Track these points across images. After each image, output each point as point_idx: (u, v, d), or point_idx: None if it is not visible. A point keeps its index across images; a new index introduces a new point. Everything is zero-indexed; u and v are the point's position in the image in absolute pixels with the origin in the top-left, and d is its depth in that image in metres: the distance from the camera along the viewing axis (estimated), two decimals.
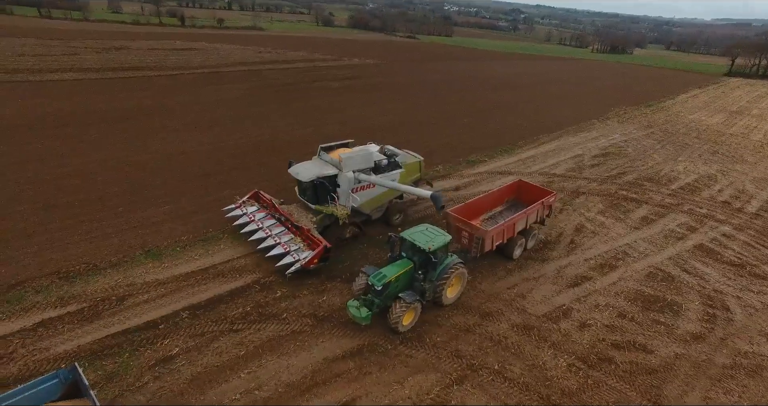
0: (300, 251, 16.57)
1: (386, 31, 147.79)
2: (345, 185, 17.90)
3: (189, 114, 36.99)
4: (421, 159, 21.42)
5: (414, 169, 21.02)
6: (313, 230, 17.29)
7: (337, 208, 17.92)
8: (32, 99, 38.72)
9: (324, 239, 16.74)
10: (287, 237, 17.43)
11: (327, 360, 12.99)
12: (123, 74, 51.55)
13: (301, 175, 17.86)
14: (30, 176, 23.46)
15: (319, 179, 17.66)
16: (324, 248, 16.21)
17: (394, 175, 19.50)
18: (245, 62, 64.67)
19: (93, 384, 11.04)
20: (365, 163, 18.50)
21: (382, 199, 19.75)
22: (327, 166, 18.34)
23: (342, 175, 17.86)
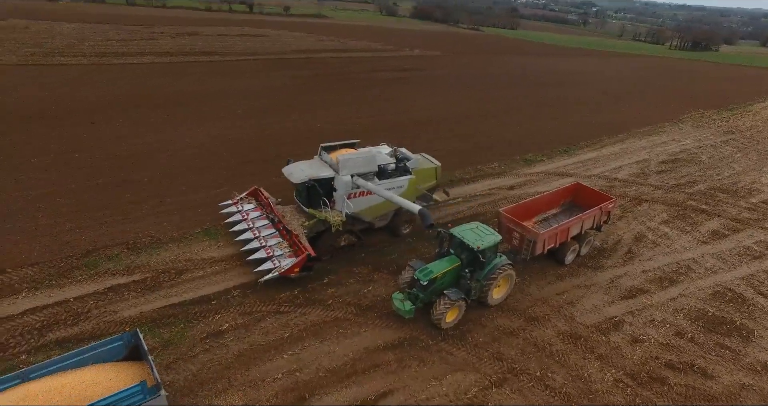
0: (283, 258, 15.46)
1: (449, 22, 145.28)
2: (341, 189, 16.50)
3: (250, 99, 38.32)
4: (438, 165, 19.65)
5: (428, 176, 19.26)
6: (302, 235, 16.02)
7: (331, 213, 16.48)
8: (114, 81, 41.63)
9: (312, 246, 15.65)
10: (275, 241, 16.28)
11: (368, 350, 13.21)
12: (193, 59, 54.14)
13: (293, 177, 16.58)
14: (107, 154, 25.33)
15: (311, 181, 16.39)
16: (306, 257, 15.00)
17: (401, 182, 17.75)
18: (307, 50, 65.91)
19: (151, 349, 11.81)
20: (367, 167, 16.95)
21: (386, 207, 17.92)
22: (324, 167, 17.04)
23: (338, 179, 16.47)
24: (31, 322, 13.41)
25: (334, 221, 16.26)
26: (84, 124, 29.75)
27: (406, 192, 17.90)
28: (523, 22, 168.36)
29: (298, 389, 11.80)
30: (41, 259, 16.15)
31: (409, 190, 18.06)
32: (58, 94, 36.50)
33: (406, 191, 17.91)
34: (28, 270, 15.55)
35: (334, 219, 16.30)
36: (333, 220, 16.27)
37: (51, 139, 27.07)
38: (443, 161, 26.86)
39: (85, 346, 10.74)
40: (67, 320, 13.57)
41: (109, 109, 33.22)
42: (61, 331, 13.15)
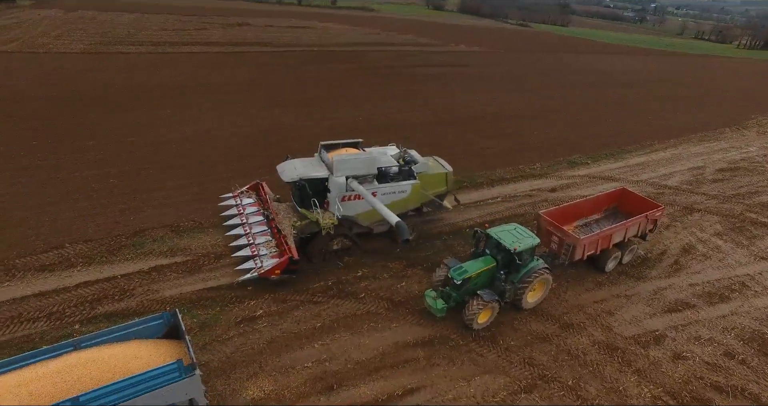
0: (266, 258, 14.91)
1: (497, 17, 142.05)
2: (335, 191, 15.74)
3: (294, 90, 38.93)
4: (448, 170, 18.42)
5: (437, 182, 18.13)
6: (290, 236, 15.36)
7: (322, 215, 15.70)
8: (167, 69, 43.31)
9: (304, 248, 15.23)
10: (263, 239, 15.71)
11: (397, 345, 13.24)
12: (241, 49, 55.49)
13: (284, 175, 15.97)
14: (157, 139, 26.45)
15: (302, 181, 15.78)
16: (288, 259, 14.39)
17: (403, 187, 16.88)
18: (352, 43, 66.18)
19: (188, 330, 12.25)
20: (365, 169, 16.08)
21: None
22: (319, 166, 16.35)
23: (332, 180, 15.75)
24: (84, 295, 14.28)
25: (324, 224, 15.52)
26: (138, 110, 31.15)
27: (409, 198, 17.12)
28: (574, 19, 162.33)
29: (327, 378, 11.99)
30: (95, 236, 17.11)
31: (412, 195, 17.18)
32: (116, 80, 38.36)
33: (409, 197, 17.09)
34: (83, 246, 16.52)
35: (325, 221, 15.55)
36: (324, 222, 15.53)
37: (108, 123, 28.52)
38: (482, 160, 26.79)
39: (129, 321, 11.29)
40: (115, 295, 14.35)
41: (161, 96, 34.63)
42: (109, 305, 13.92)
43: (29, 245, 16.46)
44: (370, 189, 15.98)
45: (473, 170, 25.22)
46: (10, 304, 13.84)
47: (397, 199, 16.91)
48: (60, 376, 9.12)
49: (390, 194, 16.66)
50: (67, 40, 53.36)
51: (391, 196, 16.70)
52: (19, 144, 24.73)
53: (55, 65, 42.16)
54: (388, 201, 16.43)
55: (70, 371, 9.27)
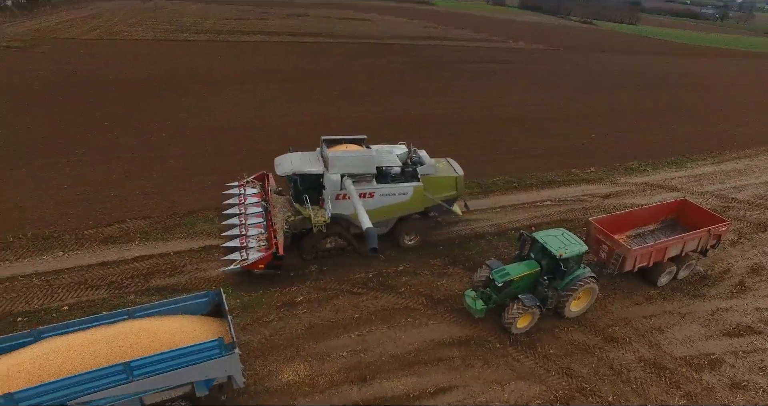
0: (253, 251, 14.59)
1: (560, 14, 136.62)
2: (329, 188, 15.22)
3: (347, 81, 39.33)
4: (459, 174, 17.28)
5: (445, 186, 17.01)
6: (280, 230, 14.96)
7: (314, 212, 15.20)
8: (228, 57, 44.99)
9: (285, 243, 14.73)
10: (256, 231, 15.38)
11: (433, 342, 13.18)
12: (298, 39, 56.64)
13: (278, 168, 15.63)
14: (214, 125, 27.62)
15: (295, 175, 15.42)
16: (272, 254, 14.09)
17: (404, 189, 16.01)
18: (409, 36, 65.89)
19: (231, 310, 12.63)
20: (363, 167, 15.40)
21: (386, 213, 16.26)
22: (317, 162, 15.83)
23: (326, 176, 15.23)
24: (139, 268, 15.20)
25: (316, 221, 15.10)
26: (198, 96, 32.58)
27: (412, 200, 16.27)
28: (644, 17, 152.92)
29: (361, 369, 12.14)
30: (152, 214, 18.13)
31: (414, 198, 16.28)
32: (180, 67, 40.26)
33: (411, 199, 16.23)
34: (142, 222, 17.55)
35: (317, 219, 15.13)
36: (315, 219, 15.10)
37: (171, 107, 30.03)
38: (534, 161, 26.00)
39: (177, 297, 11.87)
40: (166, 270, 15.17)
41: (222, 83, 36.04)
42: (161, 280, 14.73)
43: (96, 218, 17.70)
44: (368, 189, 15.45)
45: (523, 171, 24.56)
46: (78, 271, 15.00)
47: (398, 202, 16.10)
48: (115, 341, 9.74)
49: (389, 196, 15.88)
50: (140, 28, 56.61)
51: (391, 197, 15.92)
52: (92, 125, 26.57)
53: (127, 52, 44.81)
54: (387, 203, 15.87)
55: (124, 337, 9.88)
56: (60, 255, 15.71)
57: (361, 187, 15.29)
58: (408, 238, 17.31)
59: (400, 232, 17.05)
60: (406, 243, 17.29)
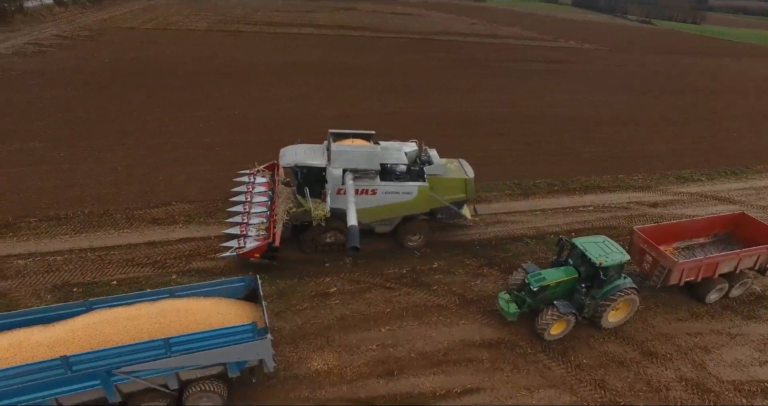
0: (251, 240, 14.63)
1: (616, 12, 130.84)
2: (331, 182, 15.08)
3: (390, 77, 39.34)
4: (469, 177, 16.54)
5: (453, 188, 16.37)
6: (280, 221, 14.94)
7: (314, 205, 15.08)
8: (276, 48, 45.94)
9: (283, 235, 14.70)
10: (257, 220, 15.47)
11: (463, 342, 13.07)
12: (345, 33, 57.08)
13: (282, 159, 15.66)
14: (260, 114, 28.34)
15: (297, 167, 15.37)
16: (267, 244, 14.14)
17: (409, 188, 15.57)
18: (455, 32, 65.17)
19: (266, 296, 12.94)
20: (365, 163, 15.17)
21: (389, 212, 15.93)
22: (321, 155, 15.76)
23: (328, 170, 15.11)
24: (182, 249, 15.83)
25: (315, 214, 15.01)
26: (245, 85, 33.51)
27: (416, 200, 15.77)
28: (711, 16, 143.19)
29: (389, 363, 12.20)
30: (196, 198, 18.82)
31: (419, 198, 15.76)
32: (231, 57, 41.47)
33: (416, 199, 15.74)
34: (186, 206, 18.26)
35: (316, 212, 15.02)
36: (315, 213, 15.01)
37: (219, 96, 31.02)
38: (578, 165, 25.20)
39: (215, 280, 12.29)
40: (207, 253, 15.71)
41: (269, 73, 36.94)
42: (201, 262, 15.28)
43: (145, 199, 18.55)
44: (371, 186, 15.22)
45: (567, 174, 23.87)
46: (126, 248, 15.82)
47: (401, 201, 15.66)
48: (156, 318, 10.21)
49: (393, 194, 15.52)
50: (194, 19, 58.73)
51: (394, 196, 15.55)
52: (147, 110, 27.84)
53: (182, 41, 46.56)
54: (390, 201, 15.57)
55: (165, 315, 10.34)
56: (111, 233, 16.59)
57: (364, 184, 15.14)
58: (411, 238, 16.87)
59: (403, 232, 16.67)
60: (409, 244, 16.87)
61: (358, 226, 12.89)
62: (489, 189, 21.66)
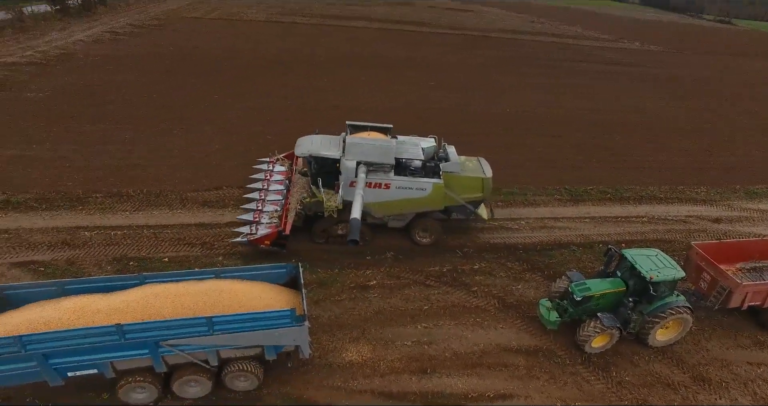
0: (263, 227, 14.83)
1: (690, 11, 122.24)
2: (344, 174, 15.03)
3: (443, 73, 38.92)
4: (486, 176, 16.16)
5: (469, 186, 16.02)
6: (292, 210, 15.16)
7: (327, 196, 15.16)
8: (331, 40, 46.56)
9: (295, 224, 14.88)
10: (271, 208, 15.71)
11: (499, 347, 12.83)
12: (400, 27, 56.95)
13: (297, 148, 15.76)
14: (309, 106, 28.89)
15: (310, 157, 15.41)
16: (277, 232, 14.35)
17: (423, 184, 15.29)
18: (513, 30, 63.54)
19: (306, 284, 13.16)
20: (379, 157, 15.06)
21: (402, 207, 15.75)
22: (336, 146, 15.67)
23: (342, 162, 15.03)
24: (229, 233, 16.30)
25: (327, 206, 15.09)
26: (301, 77, 34.19)
27: (430, 197, 15.48)
28: None
29: (422, 361, 12.17)
30: (245, 184, 19.34)
31: (434, 195, 15.46)
32: (288, 48, 42.44)
33: (430, 196, 15.45)
34: (236, 191, 18.88)
35: (328, 203, 15.09)
36: (327, 204, 15.09)
37: (274, 86, 31.87)
38: (635, 173, 23.98)
39: (259, 265, 12.63)
40: None
41: (323, 65, 37.56)
42: (247, 247, 15.59)
43: (198, 182, 19.39)
44: (384, 180, 15.06)
45: (621, 182, 22.79)
46: (178, 228, 16.63)
47: (415, 197, 15.41)
48: (201, 296, 10.65)
49: (406, 190, 15.31)
50: (255, 10, 60.50)
51: (408, 191, 15.33)
52: (203, 97, 29.04)
53: (242, 32, 48.12)
54: (403, 197, 15.34)
55: (209, 294, 10.76)
56: (166, 212, 17.46)
57: (378, 177, 15.06)
58: (421, 235, 16.65)
59: (415, 228, 16.48)
60: (420, 240, 16.65)
61: (360, 219, 12.94)
62: (536, 193, 21.09)
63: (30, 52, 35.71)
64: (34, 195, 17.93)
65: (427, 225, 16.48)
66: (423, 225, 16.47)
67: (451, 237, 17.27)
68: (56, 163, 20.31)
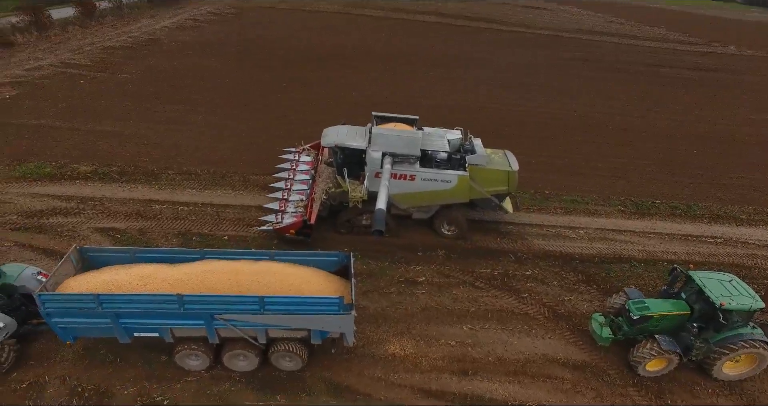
0: (289, 216, 15.11)
1: None
2: (369, 165, 15.10)
3: (509, 72, 37.87)
4: (513, 170, 15.87)
5: (495, 179, 15.83)
6: (318, 200, 15.30)
7: (352, 187, 15.22)
8: (399, 34, 46.58)
9: (320, 213, 15.03)
10: (297, 197, 15.95)
11: (545, 358, 12.44)
12: (468, 23, 55.90)
13: (324, 138, 16.00)
14: (369, 100, 29.05)
15: (337, 147, 15.45)
16: (302, 221, 14.58)
17: (449, 176, 15.26)
18: (589, 30, 60.51)
19: (356, 274, 13.29)
20: (405, 148, 15.07)
21: (427, 199, 15.78)
22: (362, 137, 15.75)
23: (368, 153, 15.09)
24: None
25: (352, 196, 15.18)
26: (363, 69, 34.55)
27: (455, 189, 15.40)
28: None
29: (465, 362, 12.04)
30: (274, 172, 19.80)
31: (459, 187, 15.39)
32: (353, 40, 42.96)
33: (455, 188, 15.37)
34: None
35: (353, 193, 15.15)
36: (352, 194, 15.17)
37: (334, 77, 32.47)
38: (715, 190, 22.30)
39: (312, 251, 12.97)
40: None
41: (386, 60, 37.66)
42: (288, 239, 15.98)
43: (260, 166, 20.09)
44: (409, 171, 15.10)
45: (695, 199, 21.14)
46: (239, 208, 17.40)
47: (440, 189, 15.38)
48: (256, 276, 11.08)
49: (431, 182, 15.29)
50: (325, 2, 61.59)
51: (433, 183, 15.30)
52: (270, 85, 30.09)
53: (310, 22, 49.24)
54: (428, 188, 15.34)
55: (263, 274, 11.18)
56: (229, 192, 18.34)
57: (403, 169, 15.12)
58: (446, 227, 16.58)
59: (439, 220, 16.43)
60: (444, 233, 16.58)
61: (385, 210, 13.01)
62: (599, 202, 20.09)
63: (124, 37, 38.71)
64: (117, 168, 19.55)
65: (450, 217, 16.44)
66: (448, 217, 16.43)
67: (505, 240, 16.92)
68: (136, 140, 21.98)
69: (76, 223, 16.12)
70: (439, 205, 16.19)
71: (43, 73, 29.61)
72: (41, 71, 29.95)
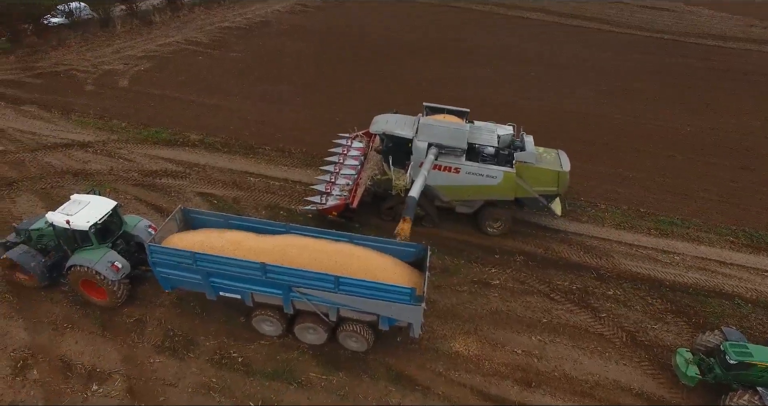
0: (333, 198, 15.44)
1: None
2: (415, 154, 15.02)
3: (612, 77, 35.13)
4: (563, 170, 15.15)
5: (544, 179, 15.22)
6: (363, 185, 15.46)
7: (396, 175, 15.36)
8: (498, 32, 45.16)
9: (359, 197, 15.15)
10: (343, 181, 16.10)
11: (615, 383, 11.72)
12: (578, 23, 52.53)
13: (373, 126, 16.26)
14: (456, 96, 28.47)
15: (384, 135, 15.67)
16: (345, 204, 15.07)
17: (494, 172, 14.88)
18: (719, 35, 54.16)
19: (431, 267, 13.15)
20: (452, 140, 14.86)
21: (470, 193, 15.44)
22: (410, 126, 15.67)
23: (414, 142, 15.02)
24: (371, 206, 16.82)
25: (396, 184, 15.27)
26: (453, 66, 33.90)
27: (501, 185, 15.05)
28: None
29: (529, 373, 11.73)
30: None
31: (504, 184, 15.01)
32: (448, 35, 42.35)
33: (500, 184, 15.01)
34: None
35: (397, 182, 15.24)
36: (396, 183, 15.27)
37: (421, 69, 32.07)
38: None
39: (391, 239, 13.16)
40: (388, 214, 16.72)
41: (482, 55, 36.75)
42: (381, 220, 16.42)
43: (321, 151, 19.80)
44: (454, 164, 14.93)
45: None
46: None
47: (485, 184, 15.11)
48: (334, 256, 11.54)
49: (476, 176, 15.02)
50: None
51: (477, 178, 15.02)
52: (360, 75, 30.65)
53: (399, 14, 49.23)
54: (473, 183, 15.14)
55: (341, 255, 11.62)
56: (318, 174, 18.83)
57: (448, 161, 15.02)
58: (492, 225, 16.21)
59: (485, 217, 16.11)
60: (489, 231, 16.22)
61: (416, 198, 12.89)
62: (703, 228, 18.11)
63: (239, 19, 41.56)
64: (221, 139, 21.30)
65: (497, 215, 16.01)
66: (493, 215, 16.04)
67: (589, 255, 16.00)
68: (240, 115, 23.72)
69: (182, 185, 17.87)
70: (483, 200, 15.93)
71: (171, 50, 32.74)
72: (169, 48, 33.15)
